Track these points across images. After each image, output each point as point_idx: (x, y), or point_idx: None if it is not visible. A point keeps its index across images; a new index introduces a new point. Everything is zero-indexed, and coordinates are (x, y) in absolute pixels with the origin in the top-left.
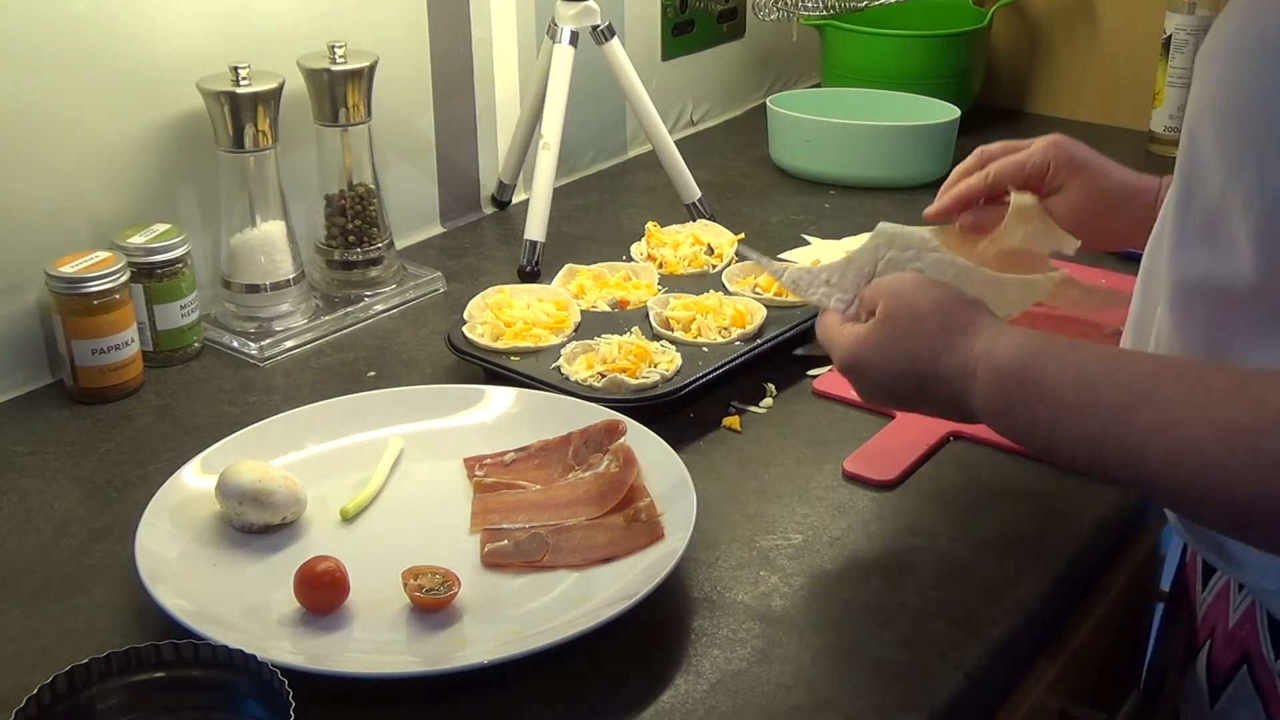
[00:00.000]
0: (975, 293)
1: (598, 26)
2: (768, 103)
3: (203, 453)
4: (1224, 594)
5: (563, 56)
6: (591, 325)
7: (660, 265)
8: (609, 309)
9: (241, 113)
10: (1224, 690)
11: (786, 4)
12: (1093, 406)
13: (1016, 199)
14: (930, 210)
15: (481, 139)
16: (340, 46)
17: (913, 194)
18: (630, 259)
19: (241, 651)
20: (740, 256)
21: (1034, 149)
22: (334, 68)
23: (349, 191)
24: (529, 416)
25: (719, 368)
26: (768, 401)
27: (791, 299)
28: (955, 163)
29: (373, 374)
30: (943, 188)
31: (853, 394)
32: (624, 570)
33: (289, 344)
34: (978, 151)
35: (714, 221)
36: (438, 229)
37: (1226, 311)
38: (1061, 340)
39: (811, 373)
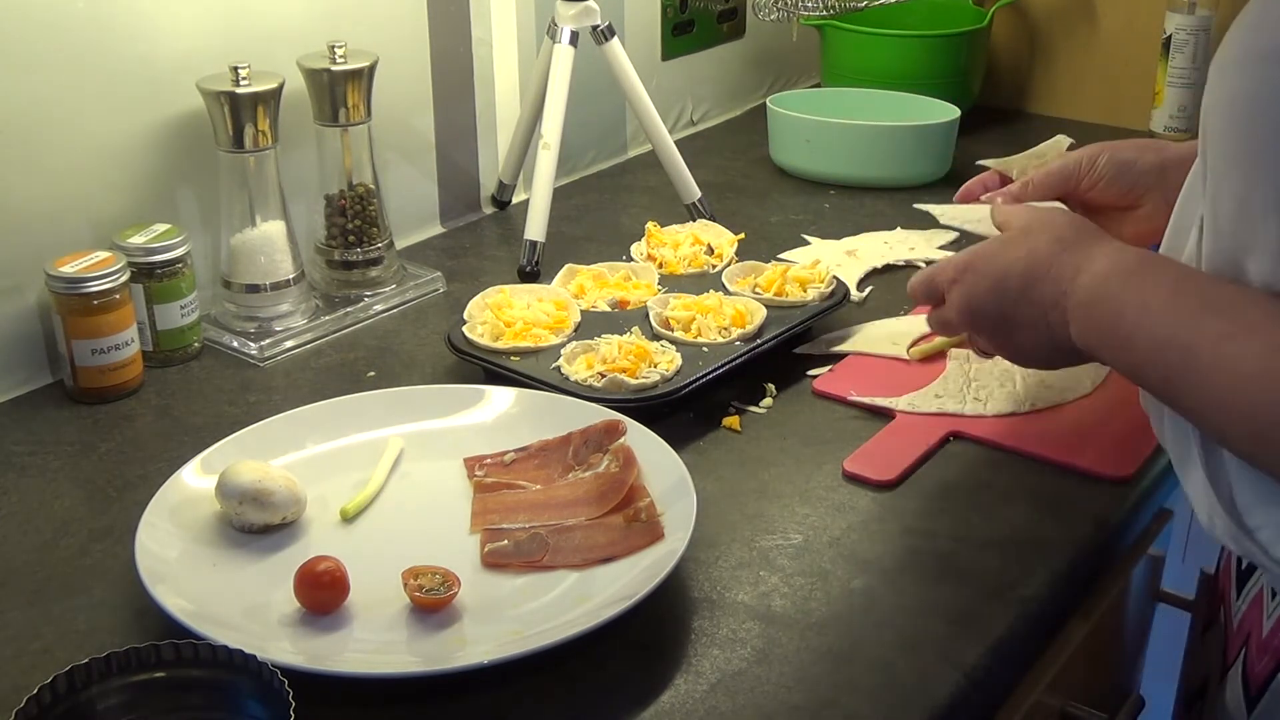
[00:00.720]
0: None
1: (598, 26)
2: (768, 103)
3: (203, 453)
4: (1257, 603)
5: (563, 56)
6: (591, 325)
7: (660, 265)
8: (609, 309)
9: (241, 113)
10: (1260, 699)
11: (786, 4)
12: (1174, 309)
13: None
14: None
15: (481, 139)
16: (340, 46)
17: (913, 194)
18: (630, 259)
19: (241, 651)
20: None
21: (1065, 160)
22: (334, 68)
23: (349, 191)
24: (529, 416)
25: (719, 368)
26: (768, 401)
27: (791, 299)
28: (955, 163)
29: (373, 374)
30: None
31: (853, 394)
32: (624, 570)
33: (289, 344)
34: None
35: (714, 221)
36: (438, 229)
37: None
38: (1174, 261)
39: (811, 373)
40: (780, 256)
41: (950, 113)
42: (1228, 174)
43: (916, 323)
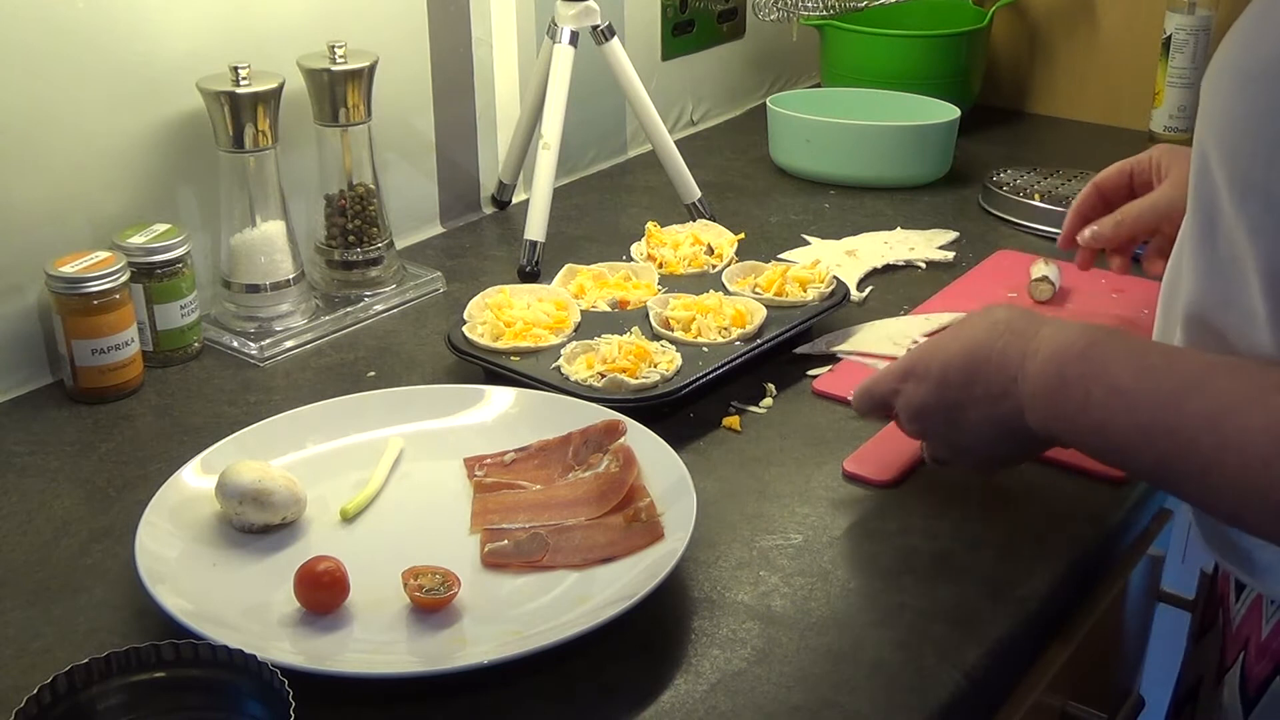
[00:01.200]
0: None
1: (598, 26)
2: (768, 103)
3: (203, 453)
4: (1256, 606)
5: (563, 56)
6: (591, 325)
7: (660, 265)
8: (609, 309)
9: (241, 113)
10: (1258, 702)
11: (786, 4)
12: (1149, 391)
13: None
14: (1061, 243)
15: (481, 139)
16: (340, 46)
17: (913, 194)
18: (630, 259)
19: (241, 651)
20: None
21: (1161, 191)
22: (334, 68)
23: (349, 191)
24: (529, 416)
25: (719, 368)
26: (768, 401)
27: (791, 299)
28: (955, 163)
29: (373, 374)
30: (1067, 225)
31: (852, 394)
32: (624, 570)
33: (289, 344)
34: (1094, 186)
35: (714, 221)
36: (438, 229)
37: (1238, 341)
38: (1125, 332)
39: (811, 373)
40: (780, 256)
41: (950, 113)
42: (1221, 190)
43: (916, 323)
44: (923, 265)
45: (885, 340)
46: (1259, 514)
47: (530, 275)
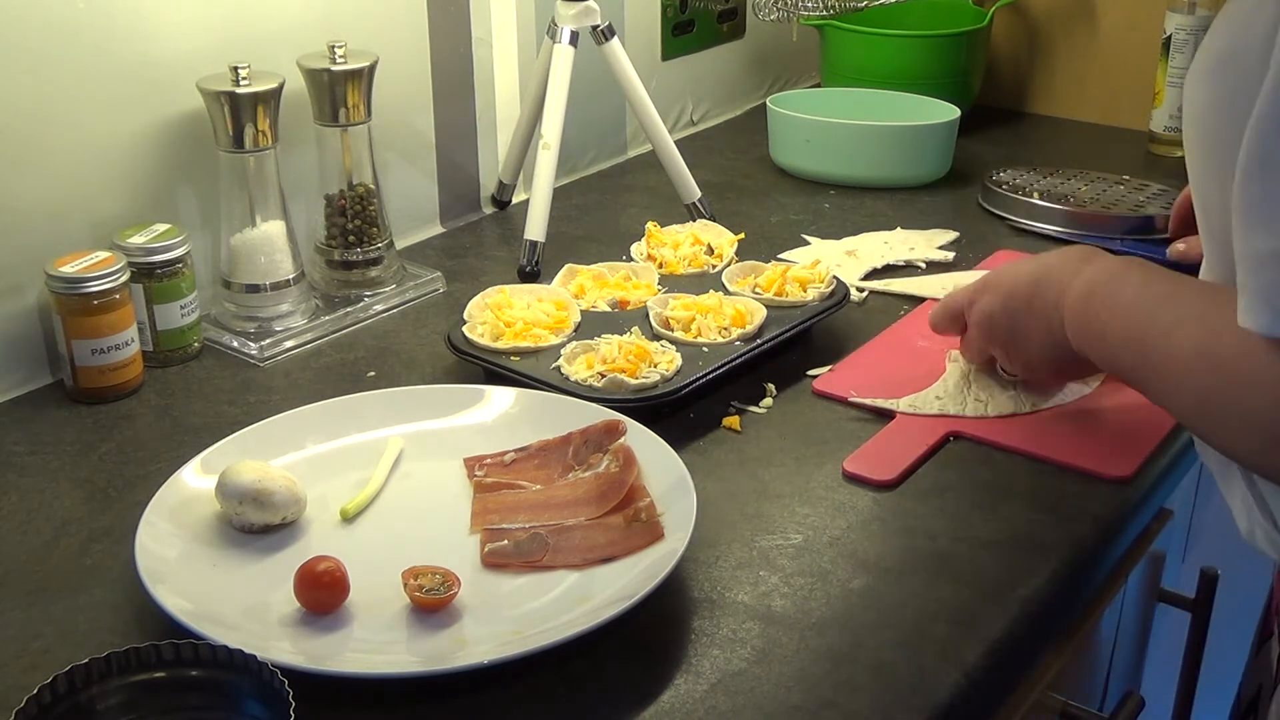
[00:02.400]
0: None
1: (598, 26)
2: (768, 103)
3: (203, 453)
4: None
5: (563, 56)
6: (591, 325)
7: (660, 265)
8: (609, 309)
9: (241, 113)
10: None
11: (786, 4)
12: (1137, 306)
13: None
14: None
15: (481, 139)
16: (340, 46)
17: (913, 194)
18: (630, 259)
19: (241, 651)
20: None
21: None
22: (334, 68)
23: (349, 191)
24: (529, 416)
25: (719, 368)
26: (768, 401)
27: (791, 299)
28: (955, 163)
29: (373, 374)
30: (1171, 226)
31: (853, 394)
32: (624, 570)
33: (289, 344)
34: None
35: (714, 221)
36: (438, 229)
37: None
38: (1156, 265)
39: (811, 373)
40: (780, 256)
41: (950, 113)
42: (1201, 183)
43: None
44: (923, 265)
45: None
46: (1188, 412)
47: (530, 275)
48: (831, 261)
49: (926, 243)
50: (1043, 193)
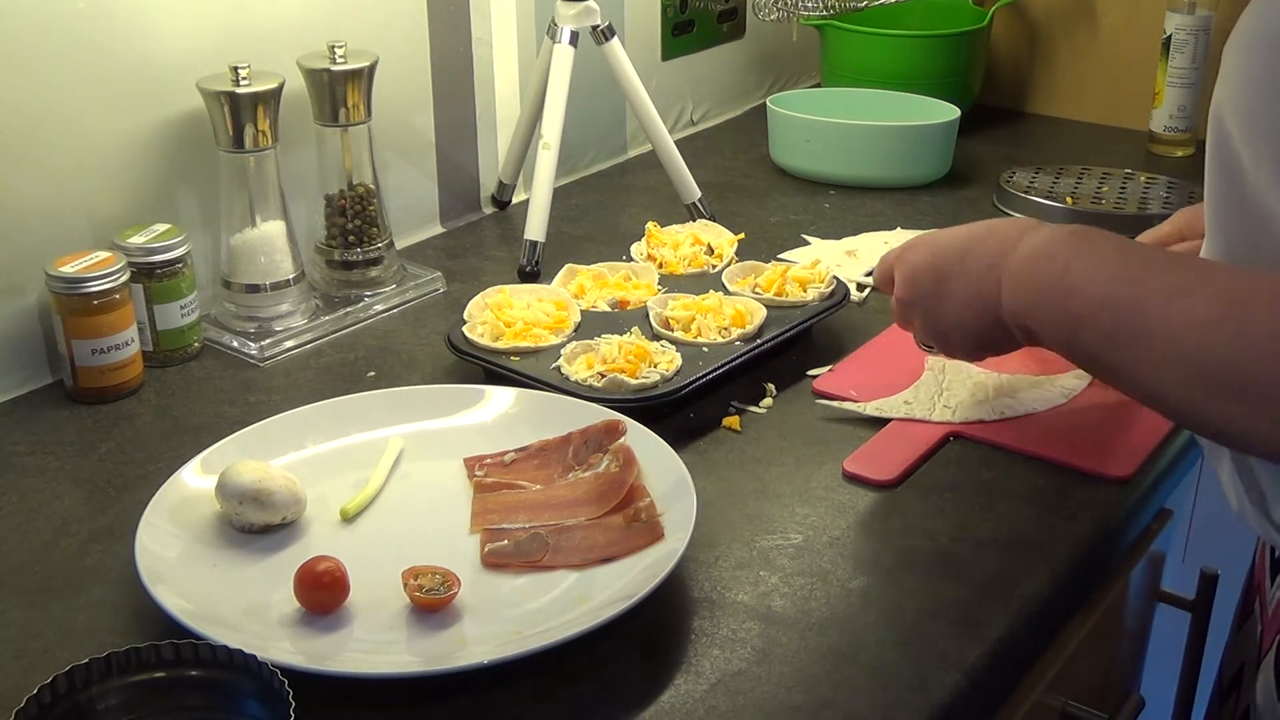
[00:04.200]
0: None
1: (598, 26)
2: (768, 103)
3: (203, 453)
4: None
5: (563, 56)
6: (591, 325)
7: (660, 265)
8: (609, 309)
9: (241, 113)
10: None
11: (786, 4)
12: (1123, 266)
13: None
14: None
15: (481, 139)
16: (340, 46)
17: (913, 194)
18: (630, 259)
19: (241, 651)
20: None
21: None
22: (334, 68)
23: (349, 191)
24: (529, 416)
25: (719, 368)
26: (768, 401)
27: (791, 299)
28: (955, 163)
29: (373, 374)
30: None
31: (853, 394)
32: (624, 570)
33: (289, 344)
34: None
35: (714, 221)
36: (438, 229)
37: None
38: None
39: (811, 372)
40: (780, 256)
41: (950, 113)
42: (1241, 156)
43: None
44: None
45: None
46: (1181, 379)
47: (530, 275)
48: (831, 261)
49: None
50: (1073, 195)
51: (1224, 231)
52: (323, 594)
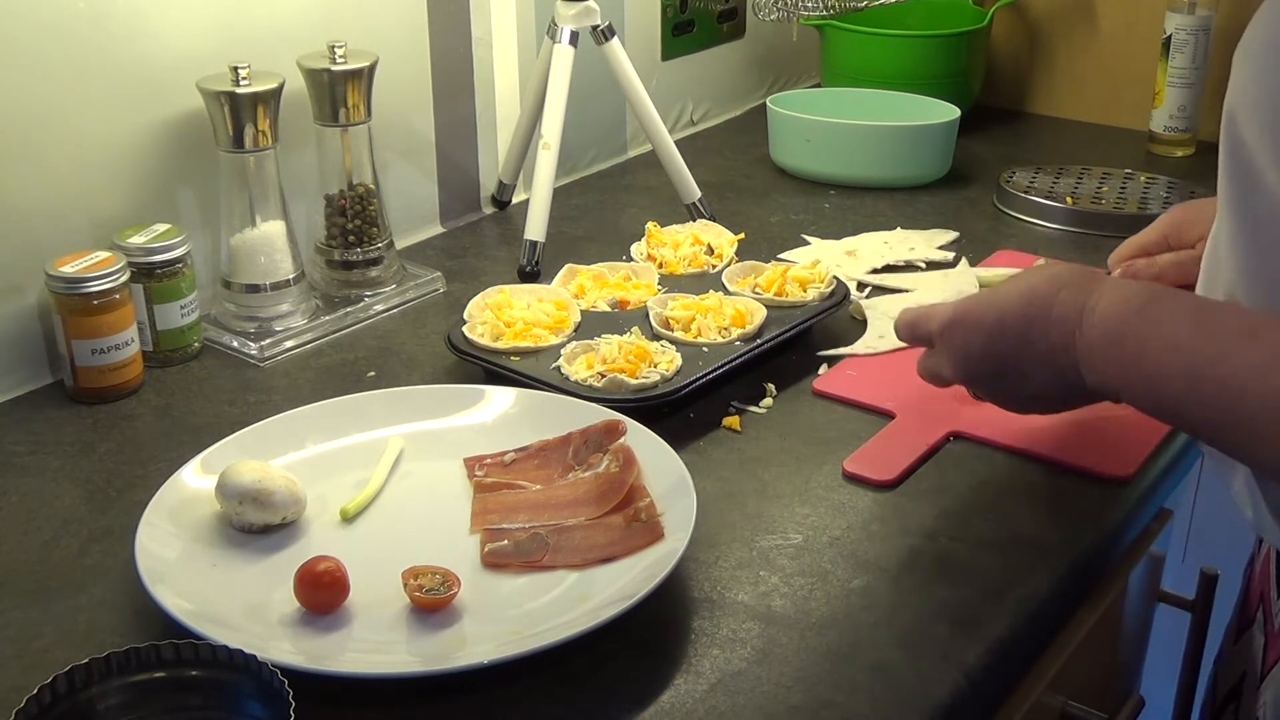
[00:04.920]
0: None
1: (598, 26)
2: (768, 103)
3: (203, 453)
4: None
5: (563, 56)
6: (591, 325)
7: (660, 265)
8: (609, 309)
9: (241, 113)
10: None
11: (786, 4)
12: (1203, 344)
13: None
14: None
15: (481, 139)
16: (340, 46)
17: (913, 194)
18: (630, 259)
19: (241, 651)
20: None
21: (1195, 252)
22: (334, 68)
23: (349, 191)
24: (529, 416)
25: (719, 368)
26: (768, 401)
27: (791, 299)
28: (955, 163)
29: (373, 374)
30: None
31: (853, 394)
32: (624, 570)
33: (289, 344)
34: (1137, 245)
35: (714, 221)
36: (438, 229)
37: None
38: (1180, 291)
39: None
40: (780, 256)
41: (950, 113)
42: (1256, 161)
43: (968, 276)
44: (923, 265)
45: (940, 293)
46: None
47: (530, 275)
48: (831, 261)
49: (926, 243)
50: (1073, 195)
51: (1240, 242)
52: (323, 594)
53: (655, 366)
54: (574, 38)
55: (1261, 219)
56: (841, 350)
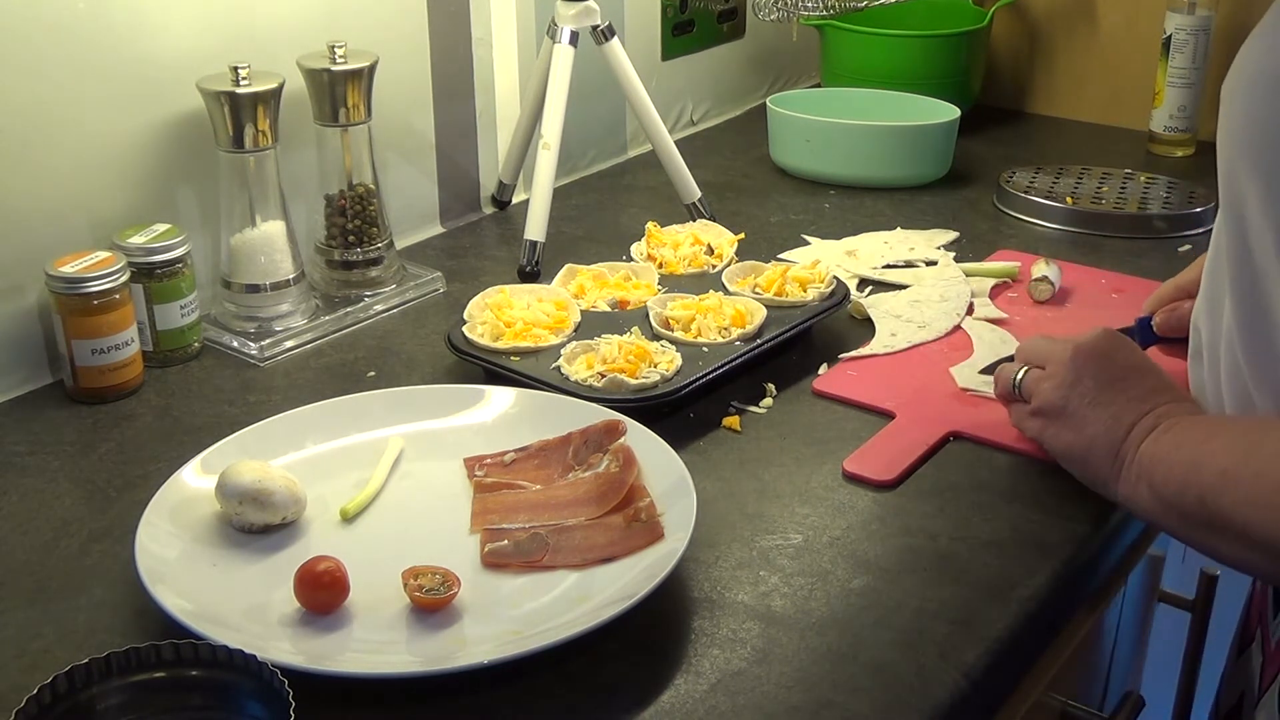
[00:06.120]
0: None
1: (598, 26)
2: (768, 103)
3: (203, 453)
4: None
5: (563, 56)
6: (591, 325)
7: (660, 265)
8: (609, 309)
9: (241, 113)
10: None
11: (786, 4)
12: (1246, 453)
13: None
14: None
15: (481, 139)
16: (340, 46)
17: (913, 194)
18: (630, 259)
19: (241, 651)
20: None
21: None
22: (334, 68)
23: (349, 191)
24: (529, 416)
25: (719, 368)
26: (768, 401)
27: (791, 299)
28: (955, 163)
29: (373, 374)
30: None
31: (852, 394)
32: (624, 570)
33: (289, 344)
34: (1175, 287)
35: (714, 221)
36: (438, 229)
37: None
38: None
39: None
40: (780, 256)
41: (950, 113)
42: (1248, 198)
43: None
44: (923, 265)
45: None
46: None
47: (530, 275)
48: (831, 261)
49: (926, 243)
50: (1073, 195)
51: (1237, 283)
52: (323, 594)
53: (655, 366)
54: (574, 38)
55: (1256, 255)
56: (862, 351)
